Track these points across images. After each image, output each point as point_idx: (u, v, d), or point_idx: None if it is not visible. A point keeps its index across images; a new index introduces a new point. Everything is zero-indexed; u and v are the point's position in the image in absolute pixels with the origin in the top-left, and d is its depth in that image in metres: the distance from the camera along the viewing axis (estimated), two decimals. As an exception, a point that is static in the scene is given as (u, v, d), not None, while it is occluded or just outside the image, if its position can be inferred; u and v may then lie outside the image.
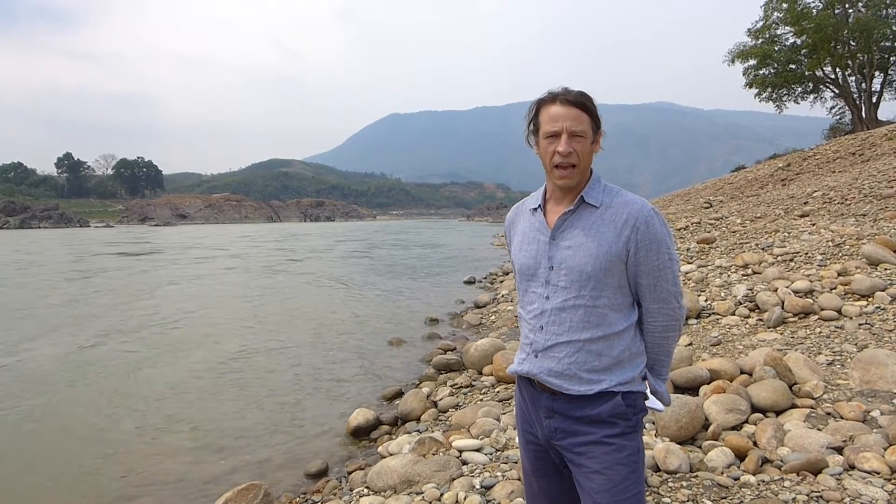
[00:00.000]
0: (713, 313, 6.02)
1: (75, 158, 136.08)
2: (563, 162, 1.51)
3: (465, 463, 3.50)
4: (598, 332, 1.54)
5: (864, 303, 5.22)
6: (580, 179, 1.56)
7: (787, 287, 5.79)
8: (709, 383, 3.98)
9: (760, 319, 5.54)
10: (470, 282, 14.96)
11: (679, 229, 12.03)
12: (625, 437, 1.52)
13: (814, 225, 8.81)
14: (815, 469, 2.81)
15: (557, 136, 1.51)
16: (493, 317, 9.31)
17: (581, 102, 1.51)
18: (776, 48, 28.61)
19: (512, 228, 1.76)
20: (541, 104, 1.56)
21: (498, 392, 5.15)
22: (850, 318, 4.98)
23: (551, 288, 1.57)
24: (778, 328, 5.24)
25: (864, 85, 27.27)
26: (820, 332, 4.90)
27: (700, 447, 3.27)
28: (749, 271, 7.03)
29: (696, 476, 2.92)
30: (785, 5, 27.61)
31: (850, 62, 26.99)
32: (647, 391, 1.64)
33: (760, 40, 28.99)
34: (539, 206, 1.65)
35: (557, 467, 1.67)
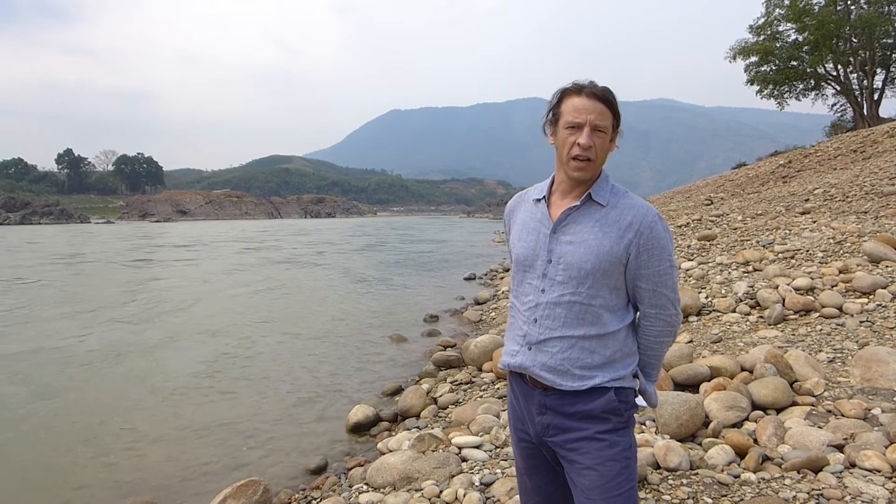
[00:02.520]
0: (714, 310, 6.00)
1: (76, 154, 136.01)
2: (582, 154, 1.49)
3: (464, 460, 3.49)
4: (591, 331, 1.53)
5: (866, 300, 5.20)
6: (594, 174, 1.55)
7: (788, 284, 5.78)
8: (709, 380, 3.98)
9: (761, 317, 5.52)
10: (470, 278, 14.96)
11: (680, 226, 12.00)
12: (617, 432, 1.52)
13: (815, 222, 8.79)
14: (816, 467, 2.80)
15: (580, 129, 1.48)
16: (493, 313, 9.30)
17: (606, 98, 1.49)
18: (778, 45, 28.51)
19: (512, 217, 1.74)
20: (565, 94, 1.53)
21: (498, 388, 5.15)
22: (851, 316, 4.97)
23: (548, 281, 1.56)
24: (779, 325, 5.22)
25: (865, 82, 27.18)
26: (821, 330, 4.89)
27: (700, 444, 3.26)
28: (750, 268, 7.01)
29: (697, 473, 2.91)
30: (787, 2, 27.51)
31: (851, 59, 26.91)
32: (637, 389, 1.64)
33: (762, 37, 28.89)
34: (543, 197, 1.63)
35: (550, 465, 1.66)
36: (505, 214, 1.80)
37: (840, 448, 2.98)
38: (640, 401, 1.63)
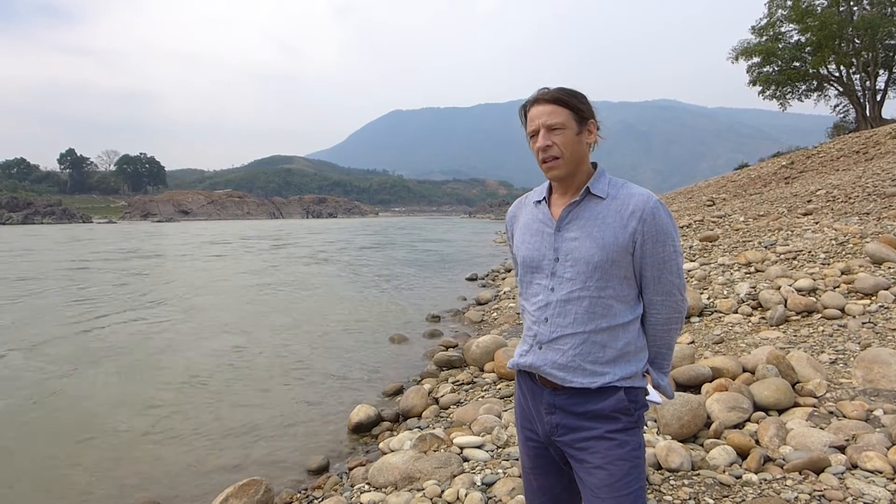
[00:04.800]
0: (715, 311, 6.01)
1: (78, 154, 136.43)
2: (546, 156, 1.55)
3: (466, 460, 3.49)
4: (602, 323, 1.53)
5: (868, 301, 5.20)
6: (570, 170, 1.57)
7: (790, 285, 5.78)
8: (711, 381, 3.98)
9: (763, 318, 5.52)
10: (472, 278, 14.96)
11: (682, 227, 12.00)
12: (627, 432, 1.52)
13: (817, 223, 8.78)
14: (818, 468, 2.80)
15: (537, 134, 1.56)
16: (495, 314, 9.31)
17: (556, 98, 1.54)
18: (780, 46, 28.47)
19: (514, 222, 1.76)
20: (525, 108, 1.61)
21: (499, 389, 5.15)
22: (854, 317, 4.97)
23: (557, 280, 1.57)
24: (780, 326, 5.22)
25: (868, 83, 27.13)
26: (823, 331, 4.88)
27: (702, 445, 3.26)
28: (752, 269, 7.01)
29: (698, 474, 2.91)
30: (789, 2, 27.47)
31: (854, 60, 26.87)
32: (649, 386, 1.64)
33: (764, 38, 28.85)
34: (543, 198, 1.65)
35: (557, 464, 1.66)
36: (506, 221, 1.81)
37: (842, 449, 2.98)
38: (653, 397, 1.63)
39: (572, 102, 1.54)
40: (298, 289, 13.74)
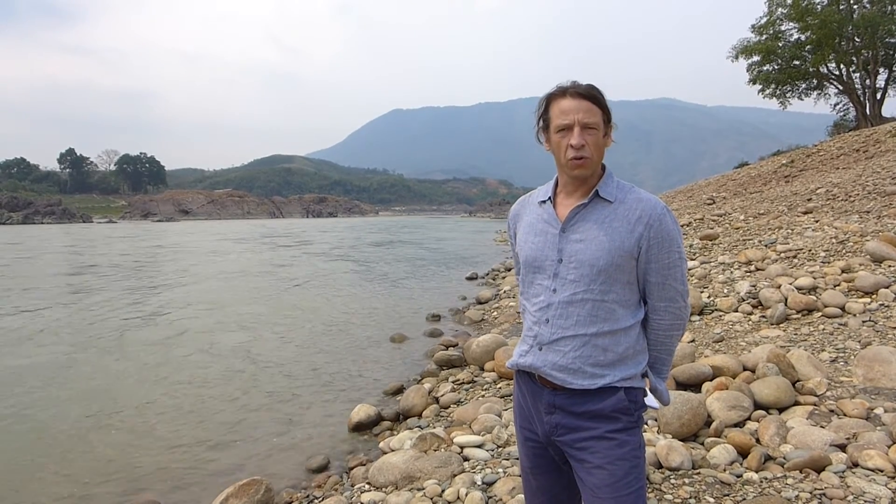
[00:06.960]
0: (716, 310, 6.00)
1: (78, 154, 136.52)
2: (577, 154, 1.49)
3: (466, 459, 3.49)
4: (604, 327, 1.52)
5: (868, 300, 5.20)
6: (593, 171, 1.55)
7: (791, 284, 5.77)
8: (711, 380, 3.98)
9: (763, 316, 5.52)
10: (472, 278, 14.96)
11: (682, 225, 11.99)
12: (627, 432, 1.52)
13: (817, 222, 8.77)
14: (818, 466, 2.80)
15: (570, 129, 1.49)
16: (495, 313, 9.30)
17: (592, 95, 1.50)
18: (780, 44, 28.44)
19: (517, 221, 1.74)
20: (551, 98, 1.54)
21: (500, 388, 5.15)
22: (854, 316, 4.96)
23: (559, 281, 1.55)
24: (781, 325, 5.22)
25: (868, 81, 27.10)
26: (823, 329, 4.88)
27: (702, 444, 3.26)
28: (752, 268, 7.01)
29: (699, 473, 2.91)
30: (789, 1, 27.45)
31: (854, 58, 26.83)
32: (647, 389, 1.63)
33: (764, 36, 28.81)
34: (549, 198, 1.63)
35: (556, 464, 1.65)
36: (509, 219, 1.79)
37: (842, 448, 2.98)
38: (650, 401, 1.62)
39: (604, 103, 1.51)
40: (308, 286, 13.88)
